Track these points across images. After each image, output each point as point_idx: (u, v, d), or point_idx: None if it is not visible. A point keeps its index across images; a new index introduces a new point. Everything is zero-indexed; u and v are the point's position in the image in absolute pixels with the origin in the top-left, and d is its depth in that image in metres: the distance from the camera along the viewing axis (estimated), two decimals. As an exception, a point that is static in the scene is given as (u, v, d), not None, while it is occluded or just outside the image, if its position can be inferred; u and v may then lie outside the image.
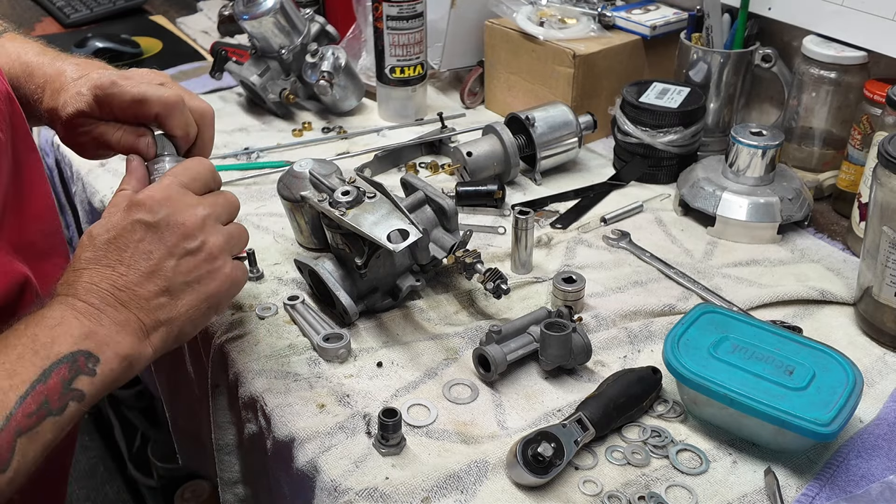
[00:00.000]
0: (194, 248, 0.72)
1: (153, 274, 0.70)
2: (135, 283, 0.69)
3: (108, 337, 0.67)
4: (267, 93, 1.35)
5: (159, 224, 0.71)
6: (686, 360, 0.76)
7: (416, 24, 1.28)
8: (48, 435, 0.62)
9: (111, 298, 0.68)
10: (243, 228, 0.78)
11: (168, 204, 0.72)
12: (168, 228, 0.71)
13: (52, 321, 0.65)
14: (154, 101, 0.80)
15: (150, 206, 0.71)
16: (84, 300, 0.67)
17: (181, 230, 0.72)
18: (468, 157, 1.13)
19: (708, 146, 1.22)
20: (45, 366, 0.63)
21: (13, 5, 1.94)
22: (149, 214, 0.71)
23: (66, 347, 0.64)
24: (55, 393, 0.63)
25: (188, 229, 0.72)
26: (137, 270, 0.70)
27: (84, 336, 0.65)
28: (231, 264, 0.75)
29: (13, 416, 0.60)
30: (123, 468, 1.95)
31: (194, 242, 0.72)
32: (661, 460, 0.75)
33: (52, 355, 0.63)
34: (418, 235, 0.83)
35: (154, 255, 0.70)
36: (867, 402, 0.80)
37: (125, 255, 0.70)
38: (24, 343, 0.63)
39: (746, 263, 1.01)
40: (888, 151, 0.83)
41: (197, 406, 1.03)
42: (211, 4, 1.87)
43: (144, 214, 0.71)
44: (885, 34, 1.06)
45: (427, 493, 0.71)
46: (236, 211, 0.79)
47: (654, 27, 1.25)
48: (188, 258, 0.72)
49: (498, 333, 0.82)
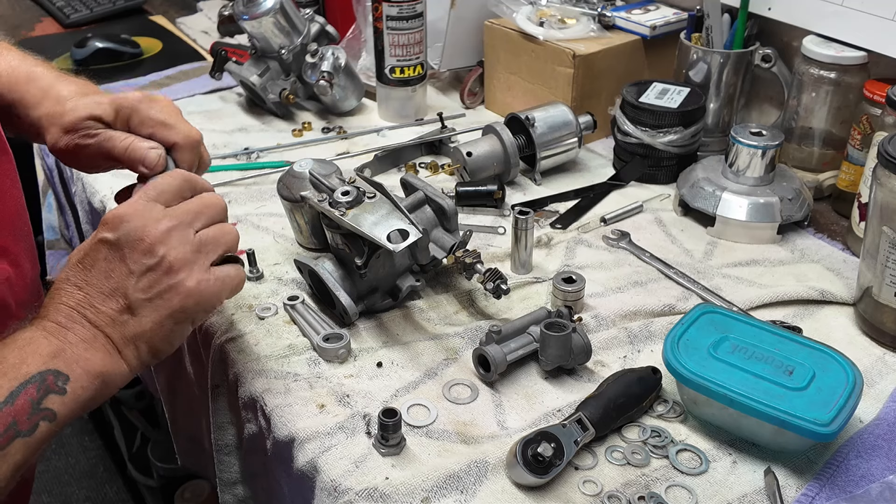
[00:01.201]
0: (153, 265, 0.70)
1: (114, 292, 0.70)
2: (98, 302, 0.69)
3: (76, 354, 0.67)
4: (267, 93, 1.35)
5: (119, 241, 0.70)
6: (686, 360, 0.76)
7: (415, 24, 1.28)
8: (18, 456, 0.62)
9: (77, 315, 0.68)
10: (228, 228, 0.76)
11: (129, 220, 0.71)
12: (128, 245, 0.70)
13: (21, 342, 0.66)
14: (179, 130, 0.81)
15: (114, 224, 0.71)
16: (52, 320, 0.68)
17: (141, 246, 0.70)
18: (468, 157, 1.13)
19: (708, 146, 1.22)
20: (13, 387, 0.63)
21: (13, 5, 1.94)
22: (111, 232, 0.71)
23: (35, 367, 0.64)
24: (23, 414, 0.62)
25: (147, 245, 0.70)
26: (99, 289, 0.70)
27: (52, 355, 0.65)
28: (198, 276, 0.72)
29: None
30: (123, 468, 1.95)
31: (153, 259, 0.70)
32: (660, 460, 0.75)
33: (21, 376, 0.63)
34: (418, 235, 0.83)
35: (115, 274, 0.70)
36: (867, 402, 0.80)
37: (90, 275, 0.70)
38: None
39: (746, 263, 1.01)
40: (888, 151, 0.83)
41: (197, 406, 1.03)
42: (211, 4, 1.87)
43: (107, 233, 0.71)
44: (884, 34, 1.06)
45: (427, 494, 0.71)
46: (219, 212, 0.76)
47: (654, 27, 1.25)
48: (148, 274, 0.70)
49: (498, 333, 0.82)
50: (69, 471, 2.09)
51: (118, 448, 1.95)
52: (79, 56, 1.57)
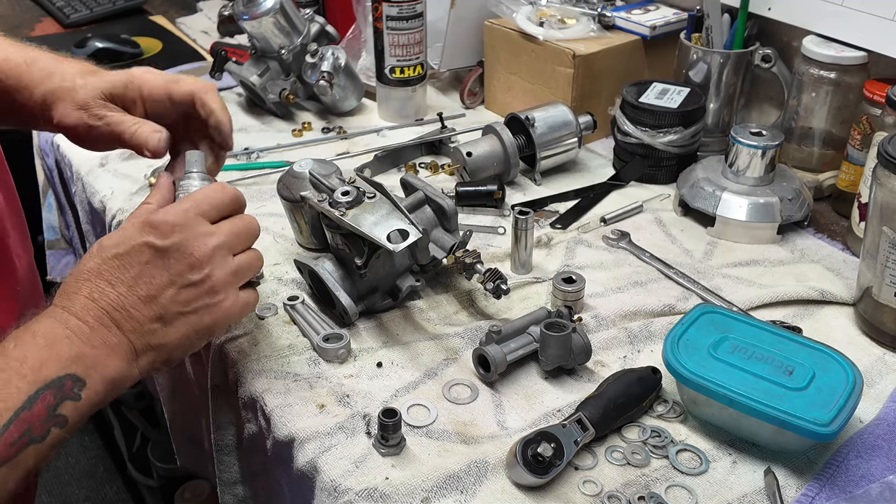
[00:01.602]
0: (197, 280, 0.71)
1: (152, 300, 0.69)
2: (131, 305, 0.68)
3: (96, 360, 0.66)
4: (267, 93, 1.35)
5: (168, 250, 0.70)
6: (686, 361, 0.76)
7: (415, 24, 1.28)
8: (29, 462, 0.62)
9: (106, 318, 0.67)
10: (257, 255, 0.77)
11: (180, 231, 0.71)
12: (175, 256, 0.70)
13: (42, 340, 0.64)
14: (189, 81, 0.84)
15: (163, 230, 0.70)
16: (79, 318, 0.66)
17: (188, 260, 0.71)
18: (468, 158, 1.13)
19: (708, 146, 1.22)
20: (32, 391, 0.61)
21: (13, 5, 1.94)
22: (159, 239, 0.70)
23: (55, 371, 0.63)
24: (38, 420, 0.61)
25: (195, 260, 0.71)
26: (136, 293, 0.69)
27: (73, 359, 0.64)
28: (232, 298, 0.73)
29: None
30: (123, 468, 1.95)
31: (199, 275, 0.71)
32: (660, 460, 0.75)
33: (40, 380, 0.62)
34: (418, 235, 0.83)
35: (155, 281, 0.69)
36: (867, 402, 0.80)
37: (127, 275, 0.69)
38: (12, 366, 0.62)
39: (746, 263, 1.01)
40: (888, 151, 0.83)
41: (197, 406, 1.03)
42: (211, 4, 1.87)
43: (155, 238, 0.70)
44: (884, 34, 1.06)
45: (427, 494, 0.71)
46: (255, 237, 0.77)
47: (654, 27, 1.25)
48: (189, 289, 0.71)
49: (498, 333, 0.82)
50: (69, 471, 2.09)
51: (118, 448, 1.95)
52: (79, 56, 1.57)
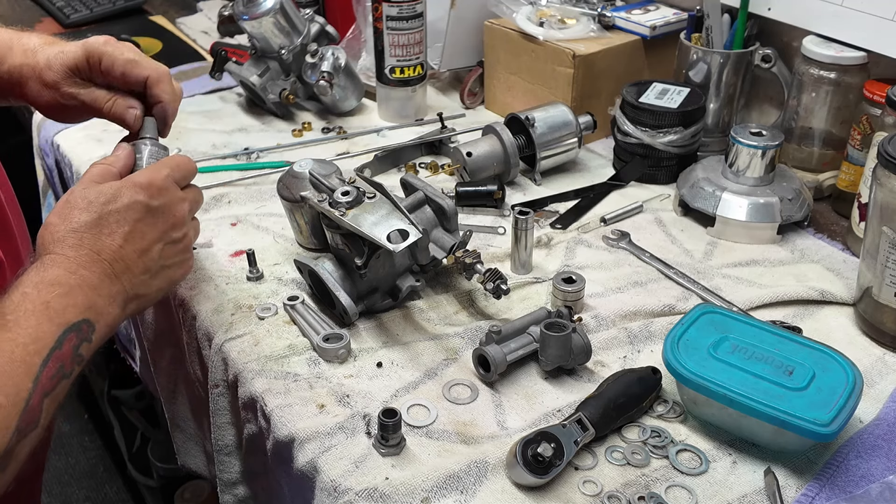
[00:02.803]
0: (177, 239, 0.81)
1: (144, 253, 0.78)
2: (128, 258, 0.76)
3: (103, 308, 0.73)
4: (267, 93, 1.35)
5: (156, 210, 0.79)
6: (686, 361, 0.76)
7: (415, 24, 1.28)
8: (61, 395, 0.68)
9: (109, 270, 0.74)
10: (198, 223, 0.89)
11: (166, 194, 0.80)
12: (162, 216, 0.79)
13: (60, 289, 0.70)
14: (146, 66, 0.87)
15: (151, 192, 0.79)
16: (87, 269, 0.73)
17: (171, 220, 0.80)
18: (468, 158, 1.13)
19: (708, 146, 1.22)
20: (59, 333, 0.68)
21: (13, 5, 1.94)
22: (150, 199, 0.78)
23: (74, 317, 0.69)
24: (67, 357, 0.68)
25: (177, 220, 0.81)
26: (133, 246, 0.77)
27: (87, 307, 0.71)
28: (192, 257, 0.86)
29: (40, 379, 0.65)
30: (123, 468, 1.95)
31: (179, 233, 0.81)
32: (660, 460, 0.75)
33: (64, 323, 0.68)
34: (418, 236, 0.83)
35: (147, 237, 0.78)
36: (867, 402, 0.80)
37: (122, 230, 0.76)
38: (39, 310, 0.68)
39: (746, 264, 1.01)
40: (888, 151, 0.83)
41: (197, 406, 1.03)
42: (211, 4, 1.87)
43: (146, 198, 0.78)
44: (884, 34, 1.06)
45: (427, 494, 0.71)
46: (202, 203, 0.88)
47: (654, 27, 1.25)
48: (171, 246, 0.81)
49: (498, 334, 0.82)
50: (69, 471, 2.09)
51: (118, 448, 1.95)
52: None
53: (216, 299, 0.95)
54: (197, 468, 1.08)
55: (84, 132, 1.32)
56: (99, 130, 1.31)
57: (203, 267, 1.00)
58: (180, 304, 0.97)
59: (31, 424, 0.64)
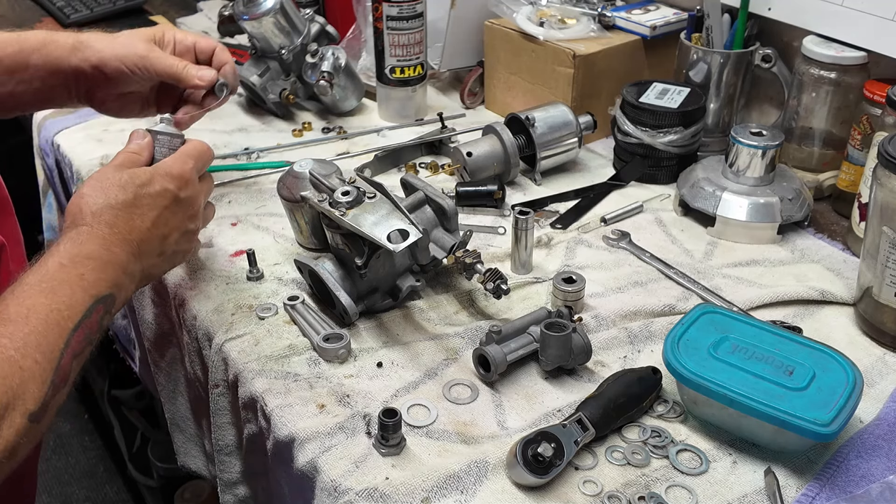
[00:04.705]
0: (192, 229, 0.87)
1: (164, 239, 0.83)
2: (151, 241, 0.81)
3: (125, 286, 0.78)
4: (267, 93, 1.35)
5: (182, 201, 0.84)
6: (686, 361, 0.76)
7: (416, 24, 1.28)
8: (86, 359, 0.73)
9: (136, 250, 0.80)
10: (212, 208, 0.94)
11: (191, 186, 0.85)
12: (184, 206, 0.85)
13: (94, 263, 0.75)
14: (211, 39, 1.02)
15: (180, 183, 0.84)
16: (119, 248, 0.78)
17: (190, 212, 0.86)
18: (468, 158, 1.13)
19: (708, 146, 1.22)
20: (90, 303, 0.73)
21: (13, 5, 1.94)
22: (179, 189, 0.84)
23: (104, 290, 0.75)
24: (94, 326, 0.73)
25: (194, 212, 0.86)
26: (156, 232, 0.82)
27: (114, 282, 0.76)
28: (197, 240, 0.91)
29: (70, 342, 0.70)
30: (123, 468, 1.95)
31: (194, 224, 0.87)
32: (661, 460, 0.75)
33: (95, 295, 0.74)
34: (418, 235, 0.83)
35: (169, 224, 0.83)
36: (867, 402, 0.80)
37: (151, 214, 0.81)
38: (74, 281, 0.73)
39: (746, 263, 1.01)
40: (888, 151, 0.83)
41: (197, 406, 1.03)
42: (211, 4, 1.87)
43: (175, 188, 0.83)
44: (885, 34, 1.06)
45: (427, 494, 0.71)
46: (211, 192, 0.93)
47: (654, 27, 1.25)
48: (186, 235, 0.86)
49: (498, 333, 0.82)
50: (69, 471, 2.09)
51: (118, 448, 1.95)
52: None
53: (216, 299, 0.95)
54: (196, 468, 1.08)
55: (84, 132, 1.32)
56: (99, 130, 1.31)
57: (203, 267, 1.00)
58: (180, 304, 0.97)
59: (63, 380, 0.69)
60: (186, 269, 1.00)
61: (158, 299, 1.04)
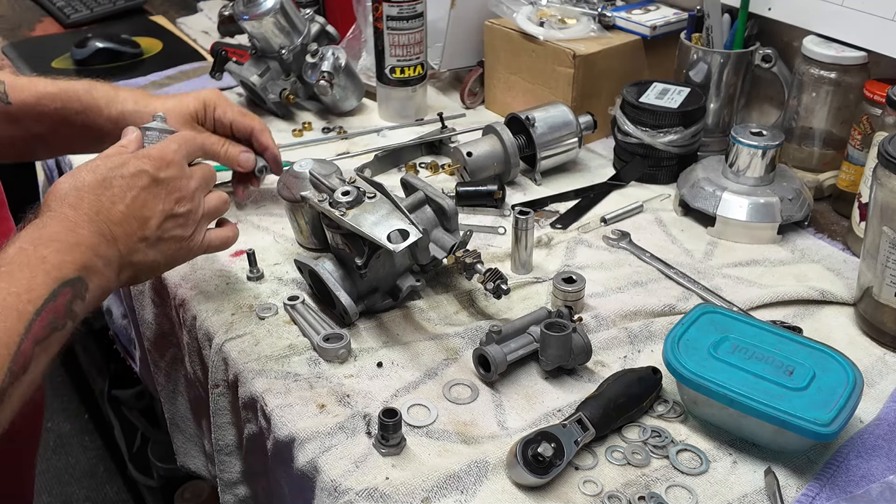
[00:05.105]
0: (181, 214, 0.82)
1: (144, 221, 0.79)
2: (126, 223, 0.77)
3: (98, 270, 0.74)
4: (267, 93, 1.35)
5: (163, 182, 0.80)
6: (686, 361, 0.76)
7: (416, 24, 1.28)
8: (55, 347, 0.69)
9: (108, 233, 0.76)
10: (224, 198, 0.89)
11: (173, 167, 0.82)
12: (167, 188, 0.81)
13: (57, 245, 0.71)
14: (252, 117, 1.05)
15: (159, 164, 0.81)
16: (85, 229, 0.74)
17: (177, 195, 0.81)
18: (468, 158, 1.13)
19: (708, 146, 1.22)
20: (54, 287, 0.69)
21: (13, 5, 1.94)
22: (156, 170, 0.80)
23: (70, 273, 0.70)
24: (61, 311, 0.69)
25: (182, 196, 0.82)
26: (133, 214, 0.78)
27: (83, 266, 0.72)
28: (201, 236, 0.85)
29: (32, 327, 0.66)
30: (123, 468, 1.95)
31: (183, 209, 0.82)
32: (661, 460, 0.75)
33: (60, 278, 0.69)
34: (418, 235, 0.83)
35: (149, 207, 0.79)
36: (867, 402, 0.80)
37: (127, 196, 0.78)
38: (35, 263, 0.69)
39: (746, 263, 1.01)
40: (888, 151, 0.83)
41: (197, 406, 1.03)
42: (211, 4, 1.87)
43: (152, 168, 0.80)
44: (885, 34, 1.06)
45: (427, 494, 0.71)
46: (214, 182, 0.89)
47: (654, 27, 1.25)
48: (173, 220, 0.81)
49: (498, 333, 0.82)
50: (69, 471, 2.09)
51: (118, 448, 1.95)
52: (79, 56, 1.57)
53: (216, 299, 0.95)
54: (196, 468, 1.08)
55: (84, 132, 1.32)
56: (99, 130, 1.31)
57: (203, 267, 1.00)
58: (180, 304, 0.97)
59: (22, 368, 0.65)
60: (186, 269, 1.00)
61: (158, 299, 1.04)
